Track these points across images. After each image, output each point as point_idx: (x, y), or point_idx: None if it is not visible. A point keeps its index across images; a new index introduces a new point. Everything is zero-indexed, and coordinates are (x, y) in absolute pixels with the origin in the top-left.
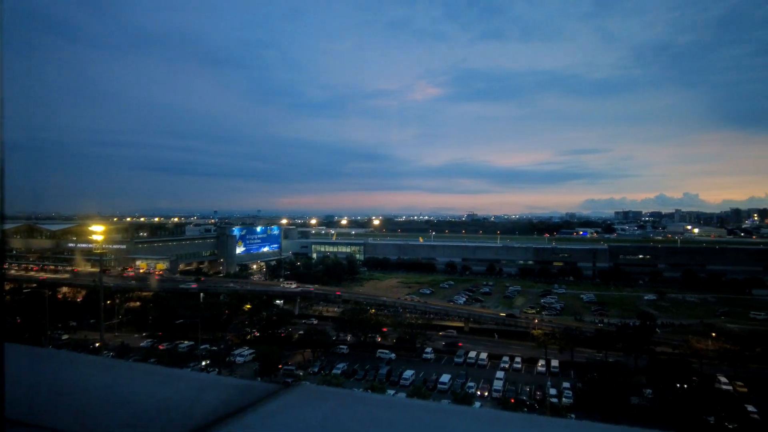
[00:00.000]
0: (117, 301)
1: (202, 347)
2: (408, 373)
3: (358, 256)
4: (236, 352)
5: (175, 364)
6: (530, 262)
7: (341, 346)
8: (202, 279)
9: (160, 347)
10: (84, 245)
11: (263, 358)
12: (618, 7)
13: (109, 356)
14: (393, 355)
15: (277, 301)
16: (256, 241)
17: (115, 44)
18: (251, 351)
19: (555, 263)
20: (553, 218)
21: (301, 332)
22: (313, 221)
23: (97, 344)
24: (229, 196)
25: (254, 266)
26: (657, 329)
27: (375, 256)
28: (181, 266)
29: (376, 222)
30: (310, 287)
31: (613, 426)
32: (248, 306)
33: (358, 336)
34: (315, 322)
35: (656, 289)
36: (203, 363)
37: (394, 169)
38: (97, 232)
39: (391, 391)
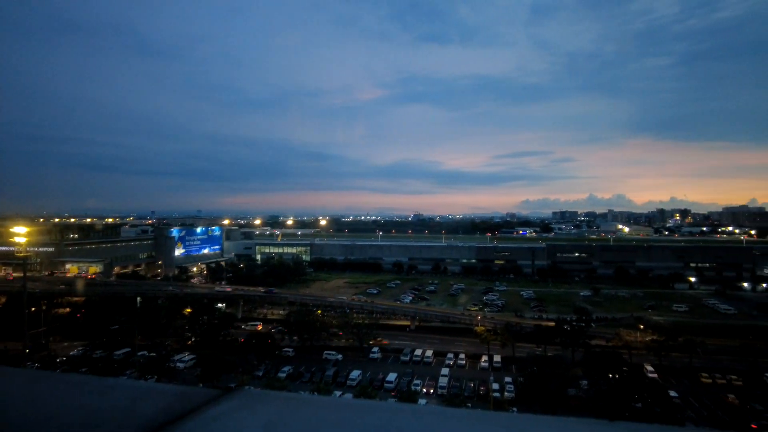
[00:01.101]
0: (44, 307)
1: (139, 354)
2: (355, 374)
3: (304, 257)
4: (176, 357)
5: (110, 373)
6: (473, 261)
7: (286, 349)
8: None
9: (94, 355)
10: (4, 248)
11: (205, 363)
12: (551, 16)
13: (34, 367)
14: (340, 356)
15: (219, 305)
16: (196, 243)
17: (39, 31)
18: (192, 356)
19: (496, 261)
20: (494, 218)
21: (246, 336)
22: (257, 221)
23: (20, 354)
24: (167, 195)
25: (194, 269)
26: (592, 323)
27: (322, 257)
28: (117, 269)
29: (323, 222)
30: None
31: (551, 417)
32: (188, 310)
33: (304, 338)
34: (259, 325)
35: (591, 286)
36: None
37: (341, 169)
38: (20, 233)
39: (337, 393)
